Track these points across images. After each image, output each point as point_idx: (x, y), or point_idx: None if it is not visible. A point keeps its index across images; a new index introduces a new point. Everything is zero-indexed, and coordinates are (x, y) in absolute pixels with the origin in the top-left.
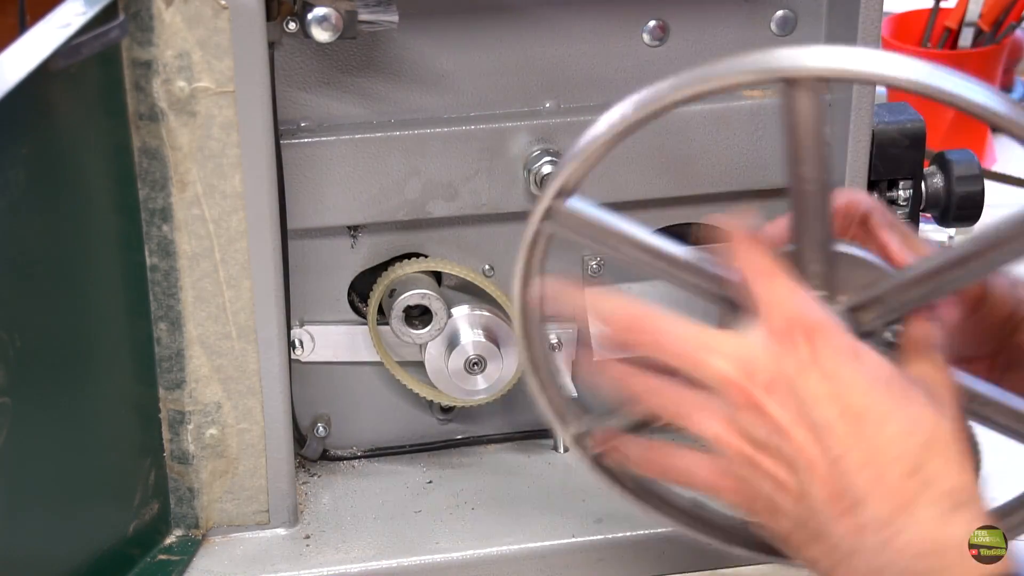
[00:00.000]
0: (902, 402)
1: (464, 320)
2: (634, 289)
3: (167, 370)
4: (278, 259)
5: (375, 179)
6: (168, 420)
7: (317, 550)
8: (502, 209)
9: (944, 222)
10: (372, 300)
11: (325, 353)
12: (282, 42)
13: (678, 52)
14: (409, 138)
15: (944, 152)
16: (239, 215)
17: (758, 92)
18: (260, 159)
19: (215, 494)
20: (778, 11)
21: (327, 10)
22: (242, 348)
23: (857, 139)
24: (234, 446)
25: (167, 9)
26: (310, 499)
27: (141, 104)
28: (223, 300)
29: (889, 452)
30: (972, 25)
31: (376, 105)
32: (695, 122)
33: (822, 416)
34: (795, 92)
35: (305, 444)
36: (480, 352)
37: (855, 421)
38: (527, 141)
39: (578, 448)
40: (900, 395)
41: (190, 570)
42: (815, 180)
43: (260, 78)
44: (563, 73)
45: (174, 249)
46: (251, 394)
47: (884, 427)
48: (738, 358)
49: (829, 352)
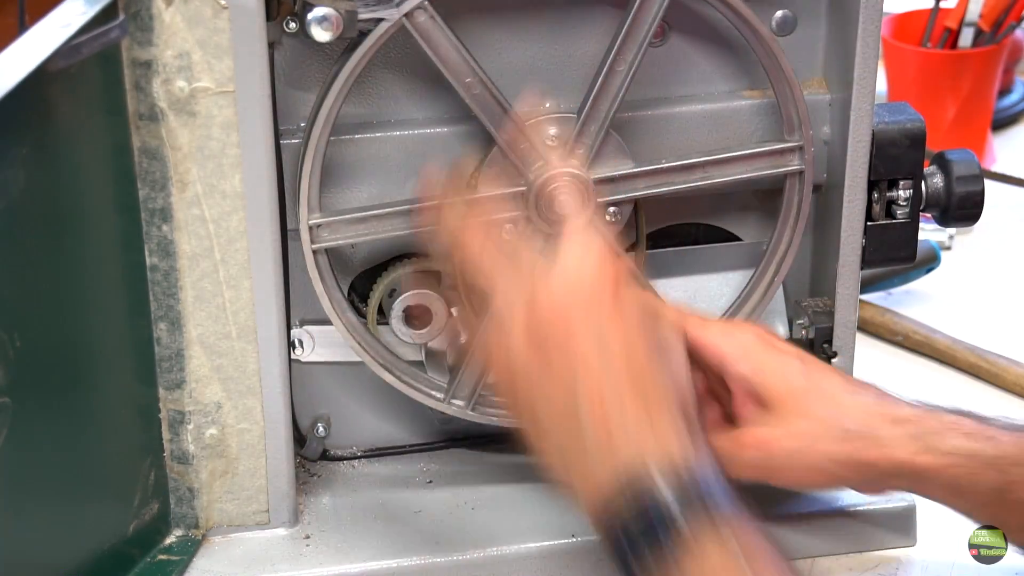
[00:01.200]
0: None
1: None
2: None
3: (167, 370)
4: (278, 259)
5: (375, 179)
6: (168, 420)
7: (317, 550)
8: None
9: (944, 222)
10: (372, 300)
11: (325, 353)
12: (282, 42)
13: (678, 52)
14: (409, 138)
15: (944, 152)
16: (239, 215)
17: (758, 92)
18: (260, 159)
19: (215, 494)
20: (778, 11)
21: (327, 10)
22: (242, 348)
23: (857, 139)
24: (234, 446)
25: (167, 9)
26: (310, 499)
27: (141, 104)
28: (223, 300)
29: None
30: (972, 25)
31: (376, 105)
32: (695, 122)
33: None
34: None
35: (305, 444)
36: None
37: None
38: None
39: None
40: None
41: (190, 570)
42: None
43: (260, 78)
44: (563, 73)
45: (174, 249)
46: (251, 394)
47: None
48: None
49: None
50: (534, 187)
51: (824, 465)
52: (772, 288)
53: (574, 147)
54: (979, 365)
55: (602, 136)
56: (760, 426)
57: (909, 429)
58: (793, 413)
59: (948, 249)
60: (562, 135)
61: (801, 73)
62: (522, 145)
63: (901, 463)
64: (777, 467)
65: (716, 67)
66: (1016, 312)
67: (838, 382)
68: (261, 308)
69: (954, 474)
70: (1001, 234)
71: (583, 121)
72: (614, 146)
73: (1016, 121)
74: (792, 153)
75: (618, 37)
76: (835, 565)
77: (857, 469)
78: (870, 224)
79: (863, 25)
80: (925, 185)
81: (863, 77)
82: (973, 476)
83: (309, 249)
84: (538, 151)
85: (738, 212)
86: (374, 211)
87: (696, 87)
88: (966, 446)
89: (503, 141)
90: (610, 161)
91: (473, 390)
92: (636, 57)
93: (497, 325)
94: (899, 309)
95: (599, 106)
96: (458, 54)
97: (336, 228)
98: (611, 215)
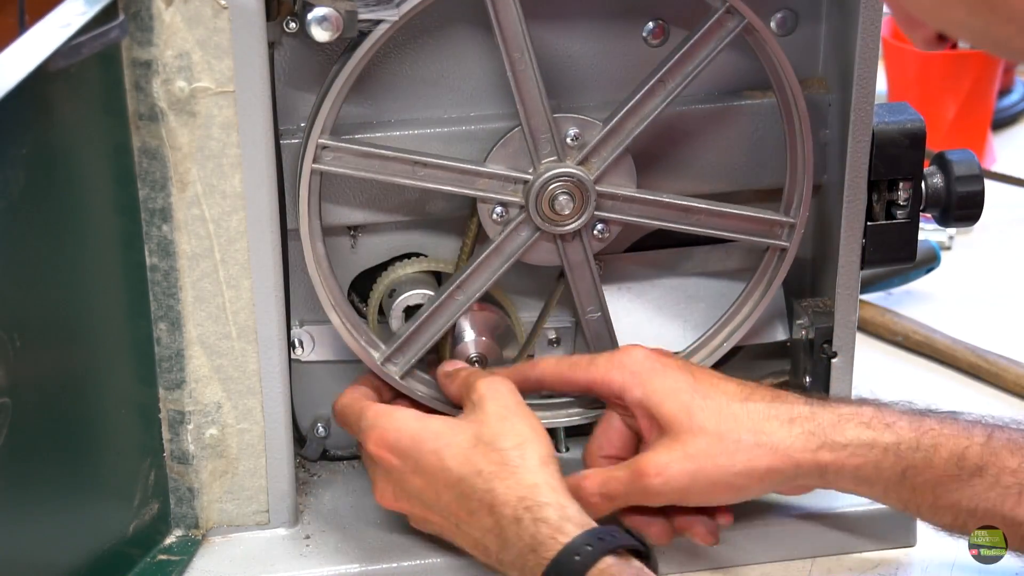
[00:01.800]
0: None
1: (465, 319)
2: (633, 288)
3: (167, 370)
4: (278, 259)
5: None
6: (168, 420)
7: (317, 550)
8: None
9: (944, 222)
10: (372, 300)
11: (325, 353)
12: (282, 42)
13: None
14: (409, 138)
15: (944, 152)
16: (239, 215)
17: (758, 92)
18: (260, 159)
19: (215, 494)
20: (778, 11)
21: (327, 10)
22: (242, 348)
23: (857, 139)
24: (234, 446)
25: (167, 9)
26: (310, 499)
27: (141, 104)
28: (223, 300)
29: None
30: None
31: (376, 105)
32: (695, 122)
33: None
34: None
35: (305, 444)
36: (481, 351)
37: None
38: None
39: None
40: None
41: (190, 570)
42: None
43: (260, 78)
44: (563, 73)
45: (174, 249)
46: (251, 394)
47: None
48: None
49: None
50: (540, 178)
51: (727, 480)
52: (772, 288)
53: (590, 154)
54: (979, 365)
55: (619, 152)
56: (658, 451)
57: (805, 427)
58: (687, 432)
59: (948, 249)
60: (583, 138)
61: (801, 73)
62: (543, 135)
63: (800, 463)
64: (682, 490)
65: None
66: (1016, 312)
67: (731, 390)
68: (261, 308)
69: (856, 464)
70: (1001, 234)
71: (607, 133)
72: (625, 167)
73: (1016, 121)
74: (782, 228)
75: (668, 62)
76: (835, 565)
77: (760, 478)
78: (870, 224)
79: (863, 25)
80: (925, 185)
81: (863, 77)
82: (875, 464)
83: (308, 167)
84: (556, 145)
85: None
86: (383, 150)
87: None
88: (864, 436)
89: (527, 124)
90: (616, 179)
91: (409, 361)
92: (678, 87)
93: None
94: (899, 309)
95: (626, 123)
96: (519, 26)
97: (341, 155)
98: (599, 231)
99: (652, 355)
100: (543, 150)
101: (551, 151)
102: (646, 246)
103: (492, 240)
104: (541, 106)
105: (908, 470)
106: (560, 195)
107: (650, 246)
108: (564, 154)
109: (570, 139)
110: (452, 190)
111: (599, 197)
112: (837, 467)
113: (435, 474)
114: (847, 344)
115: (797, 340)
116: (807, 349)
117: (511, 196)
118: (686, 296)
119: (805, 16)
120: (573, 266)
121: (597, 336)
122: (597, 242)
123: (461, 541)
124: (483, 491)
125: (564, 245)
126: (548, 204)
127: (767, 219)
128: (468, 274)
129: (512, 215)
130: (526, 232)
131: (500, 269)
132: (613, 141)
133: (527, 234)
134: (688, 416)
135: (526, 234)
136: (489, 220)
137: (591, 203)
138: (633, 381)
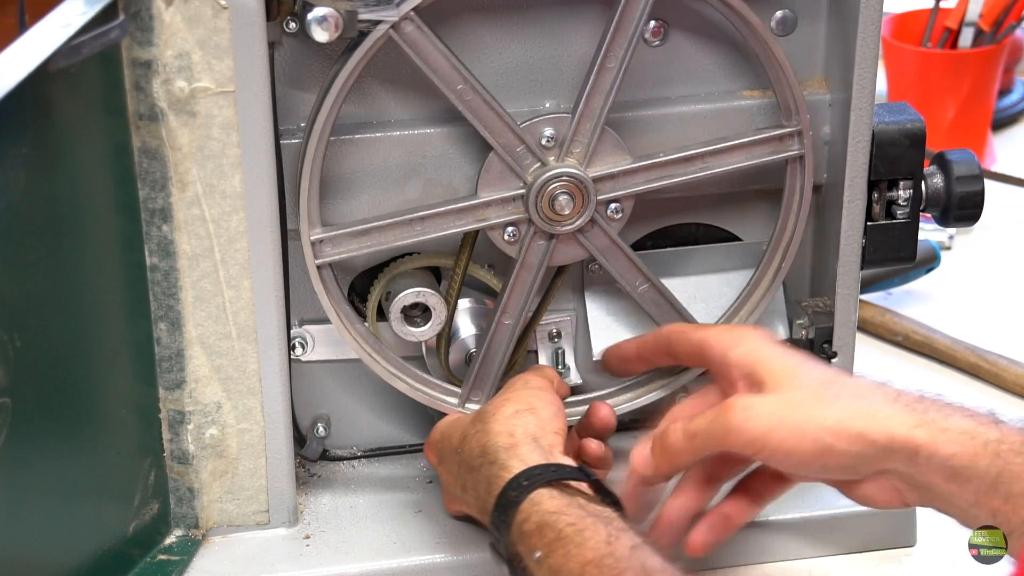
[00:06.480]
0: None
1: (464, 315)
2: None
3: (167, 370)
4: (278, 259)
5: (375, 179)
6: (168, 420)
7: (317, 550)
8: None
9: (944, 222)
10: (371, 300)
11: (325, 353)
12: (282, 42)
13: (678, 52)
14: (409, 138)
15: (944, 152)
16: (239, 215)
17: (758, 92)
18: (260, 159)
19: (215, 494)
20: (778, 11)
21: (327, 10)
22: (242, 348)
23: (857, 139)
24: (234, 446)
25: (167, 9)
26: (310, 499)
27: (141, 104)
28: (223, 300)
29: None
30: (972, 25)
31: (376, 105)
32: (695, 122)
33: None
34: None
35: (305, 444)
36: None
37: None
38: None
39: None
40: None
41: (190, 570)
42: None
43: (260, 78)
44: (563, 73)
45: (174, 249)
46: (251, 394)
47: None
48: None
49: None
50: (533, 188)
51: (814, 433)
52: (772, 288)
53: (571, 146)
54: (979, 365)
55: (598, 134)
56: (751, 395)
57: (909, 403)
58: (787, 385)
59: (948, 249)
60: (558, 135)
61: (801, 73)
62: (518, 148)
63: (894, 437)
64: (764, 432)
65: (716, 66)
66: (1016, 312)
67: (837, 368)
68: (261, 308)
69: (950, 453)
70: (1001, 234)
71: (578, 120)
72: (611, 143)
73: (1016, 121)
74: (791, 138)
75: (607, 34)
76: (835, 565)
77: (849, 440)
78: (870, 224)
79: (863, 25)
80: (925, 185)
81: (863, 77)
82: (971, 457)
83: (313, 265)
84: (535, 153)
85: (738, 212)
86: (376, 223)
87: (696, 87)
88: (965, 424)
89: (498, 145)
90: (608, 158)
91: (488, 393)
92: (626, 53)
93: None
94: (899, 309)
95: (592, 104)
96: (447, 62)
97: (339, 242)
98: (613, 211)
99: (764, 332)
100: (524, 161)
101: (532, 159)
102: (646, 246)
103: (515, 260)
104: (504, 124)
105: (1004, 474)
106: (559, 196)
107: (650, 246)
108: (546, 157)
109: (546, 140)
110: (457, 231)
111: (597, 182)
112: (930, 451)
113: (449, 457)
114: (847, 344)
115: (797, 340)
116: (807, 349)
117: (515, 215)
118: (686, 296)
119: (805, 16)
120: (603, 252)
121: (655, 303)
122: (616, 222)
123: (476, 515)
124: (465, 452)
125: (586, 238)
126: (550, 208)
127: (771, 136)
128: (508, 298)
129: (523, 231)
130: (543, 241)
131: (535, 281)
132: (587, 126)
133: (545, 242)
134: (792, 374)
135: (544, 243)
136: (504, 243)
137: (591, 192)
138: (745, 340)
